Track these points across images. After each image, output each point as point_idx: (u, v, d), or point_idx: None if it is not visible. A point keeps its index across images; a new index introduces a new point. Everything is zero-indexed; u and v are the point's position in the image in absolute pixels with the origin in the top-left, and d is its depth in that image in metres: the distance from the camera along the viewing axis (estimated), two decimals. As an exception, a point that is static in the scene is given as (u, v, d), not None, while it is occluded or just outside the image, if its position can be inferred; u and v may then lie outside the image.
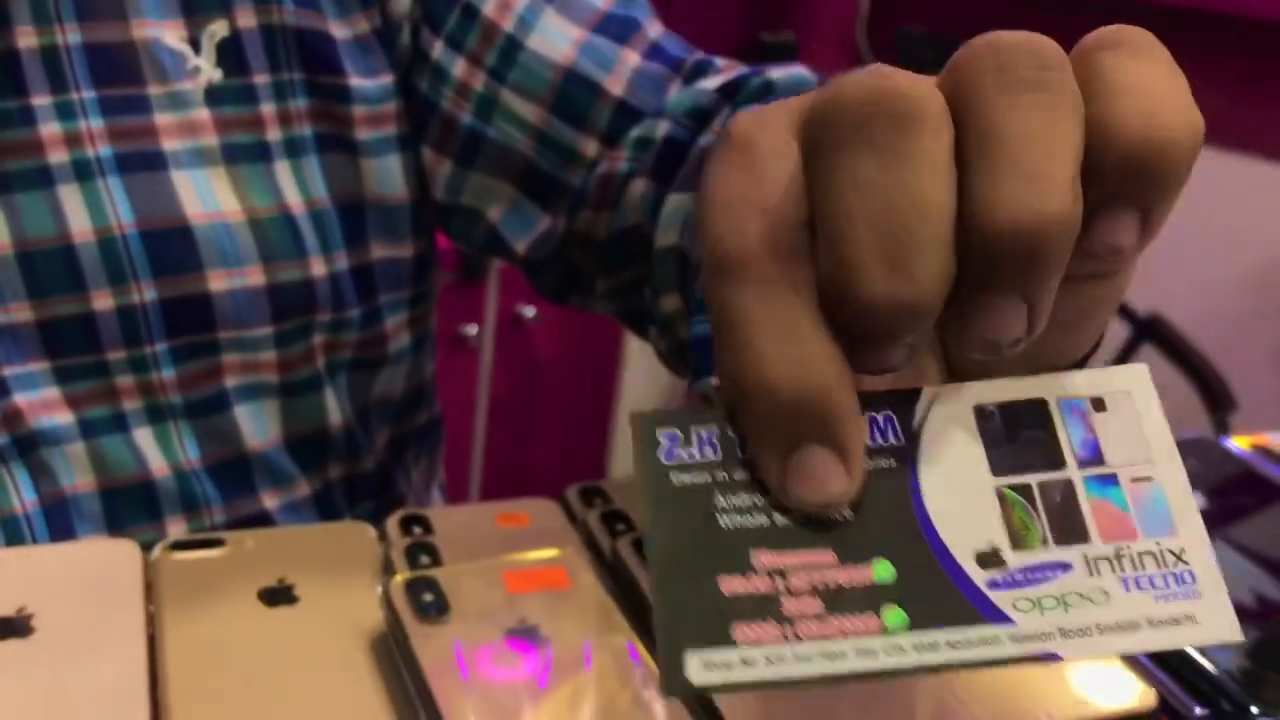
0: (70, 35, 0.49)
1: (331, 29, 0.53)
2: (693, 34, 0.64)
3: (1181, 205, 0.27)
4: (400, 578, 0.41)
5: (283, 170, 0.53)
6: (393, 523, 0.48)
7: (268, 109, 0.53)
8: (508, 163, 0.57)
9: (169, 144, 0.50)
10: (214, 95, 0.52)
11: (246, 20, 0.52)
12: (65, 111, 0.49)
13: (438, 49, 0.56)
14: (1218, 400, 1.76)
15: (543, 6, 0.56)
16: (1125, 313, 1.81)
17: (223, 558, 0.45)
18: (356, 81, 0.54)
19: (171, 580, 0.43)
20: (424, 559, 0.45)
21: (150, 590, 0.42)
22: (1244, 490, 0.55)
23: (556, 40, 0.56)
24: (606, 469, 2.10)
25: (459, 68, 0.56)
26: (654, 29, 0.59)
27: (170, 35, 0.51)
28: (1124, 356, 1.80)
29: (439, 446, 0.70)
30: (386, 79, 0.55)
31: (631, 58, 0.57)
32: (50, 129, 0.48)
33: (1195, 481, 0.28)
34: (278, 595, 0.42)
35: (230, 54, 0.52)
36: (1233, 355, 1.85)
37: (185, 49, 0.51)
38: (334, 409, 0.57)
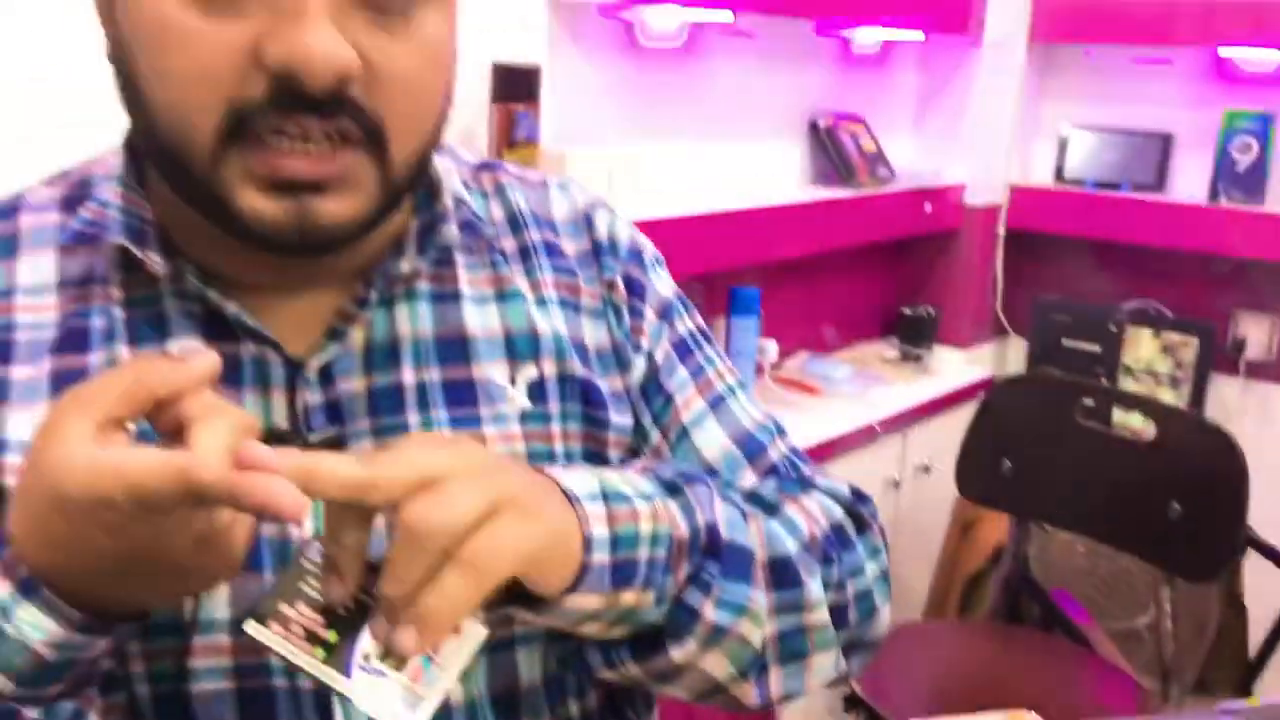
0: (433, 374, 0.71)
1: (598, 381, 0.76)
2: (839, 309, 0.84)
3: None
4: None
5: None
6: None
7: (556, 428, 0.74)
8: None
9: (492, 448, 0.71)
10: (524, 417, 0.73)
11: (548, 369, 0.74)
12: (428, 425, 0.70)
13: (647, 419, 0.79)
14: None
15: (708, 414, 0.80)
16: None
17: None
18: (613, 417, 0.77)
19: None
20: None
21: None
22: None
23: (710, 441, 0.80)
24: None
25: (655, 434, 0.79)
26: (780, 447, 0.82)
27: (498, 375, 0.73)
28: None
29: None
30: (629, 420, 0.78)
31: (750, 477, 0.80)
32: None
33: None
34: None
35: (536, 390, 0.74)
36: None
37: (507, 385, 0.73)
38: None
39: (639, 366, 0.79)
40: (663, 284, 0.83)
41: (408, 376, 0.70)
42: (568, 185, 0.82)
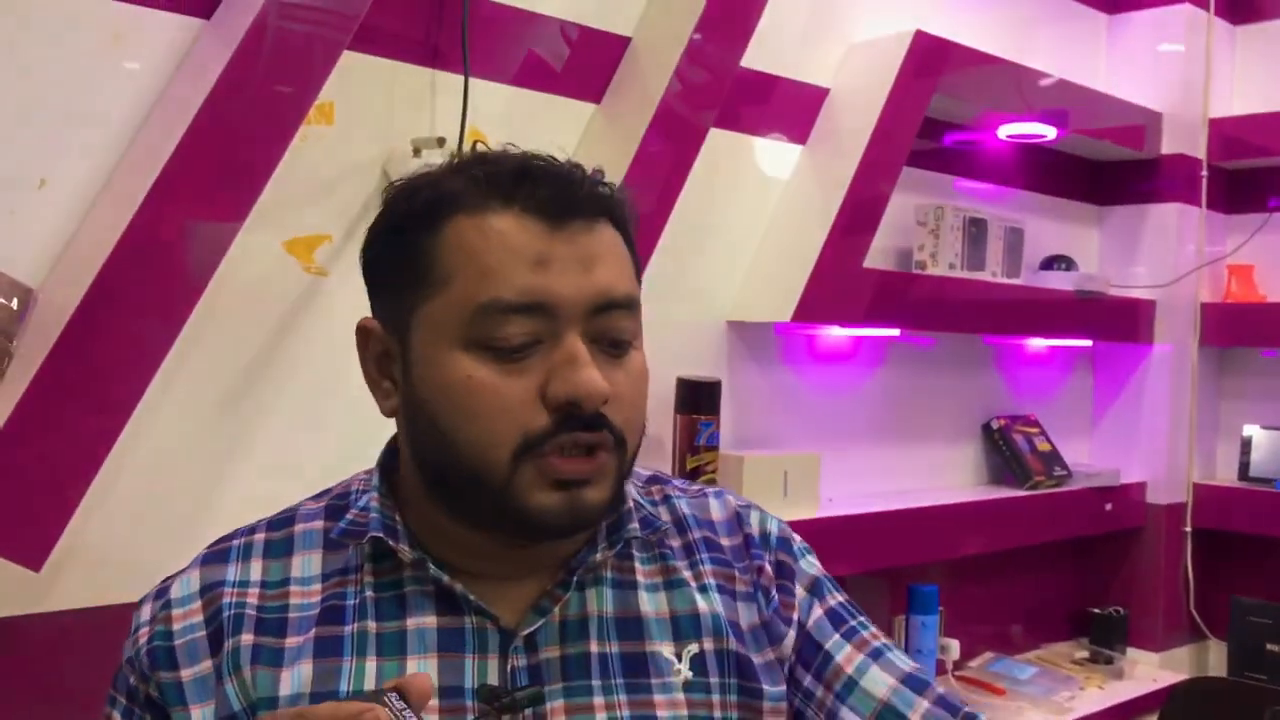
0: (614, 647, 0.87)
1: (753, 656, 0.90)
2: (1024, 608, 0.94)
3: None
4: None
5: None
6: None
7: (716, 697, 0.87)
8: None
9: (661, 713, 0.85)
10: (687, 686, 0.87)
11: (709, 645, 0.89)
12: (608, 690, 0.85)
13: (807, 680, 0.92)
14: None
15: (871, 663, 0.92)
16: None
17: None
18: (766, 688, 0.89)
19: None
20: None
21: None
22: None
23: (878, 684, 0.91)
24: None
25: (819, 690, 0.91)
26: (939, 688, 0.93)
27: (666, 650, 0.88)
28: None
29: None
30: (782, 687, 0.91)
31: (923, 704, 0.91)
32: (599, 699, 0.84)
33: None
34: None
35: (698, 663, 0.88)
36: None
37: (674, 659, 0.87)
38: None
39: (790, 637, 0.92)
40: (810, 566, 0.97)
41: (593, 647, 0.86)
42: (722, 493, 1.00)
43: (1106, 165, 2.95)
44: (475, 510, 0.83)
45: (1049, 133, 2.60)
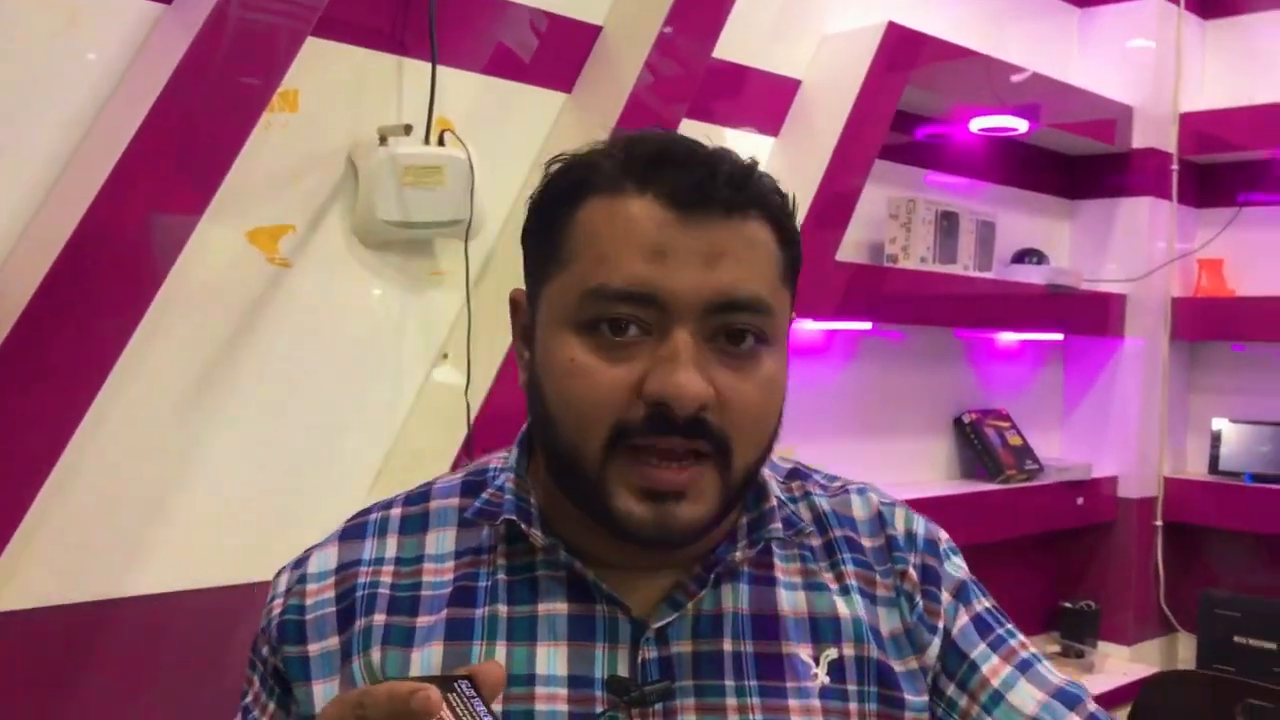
0: (749, 647, 0.83)
1: (894, 664, 0.86)
2: (1000, 599, 0.91)
3: None
4: None
5: None
6: None
7: (854, 705, 0.84)
8: None
9: (795, 718, 0.82)
10: (824, 692, 0.83)
11: (848, 650, 0.85)
12: (740, 691, 0.82)
13: (951, 689, 0.88)
14: None
15: (1019, 676, 0.88)
16: None
17: None
18: (908, 697, 0.86)
19: None
20: None
21: None
22: None
23: (1026, 699, 0.87)
24: None
25: (963, 700, 0.88)
26: (1091, 704, 0.89)
27: (803, 653, 0.84)
28: None
29: None
30: (924, 698, 0.87)
31: (1074, 718, 0.87)
32: (731, 700, 0.81)
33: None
34: None
35: (836, 669, 0.84)
36: None
37: (811, 662, 0.84)
38: None
39: (935, 644, 0.88)
40: (956, 569, 0.94)
41: (727, 646, 0.83)
42: (865, 490, 0.96)
43: (1078, 159, 2.95)
44: (579, 501, 0.81)
45: (1021, 126, 2.60)
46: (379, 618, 0.83)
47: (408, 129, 1.60)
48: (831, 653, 0.85)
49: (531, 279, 0.85)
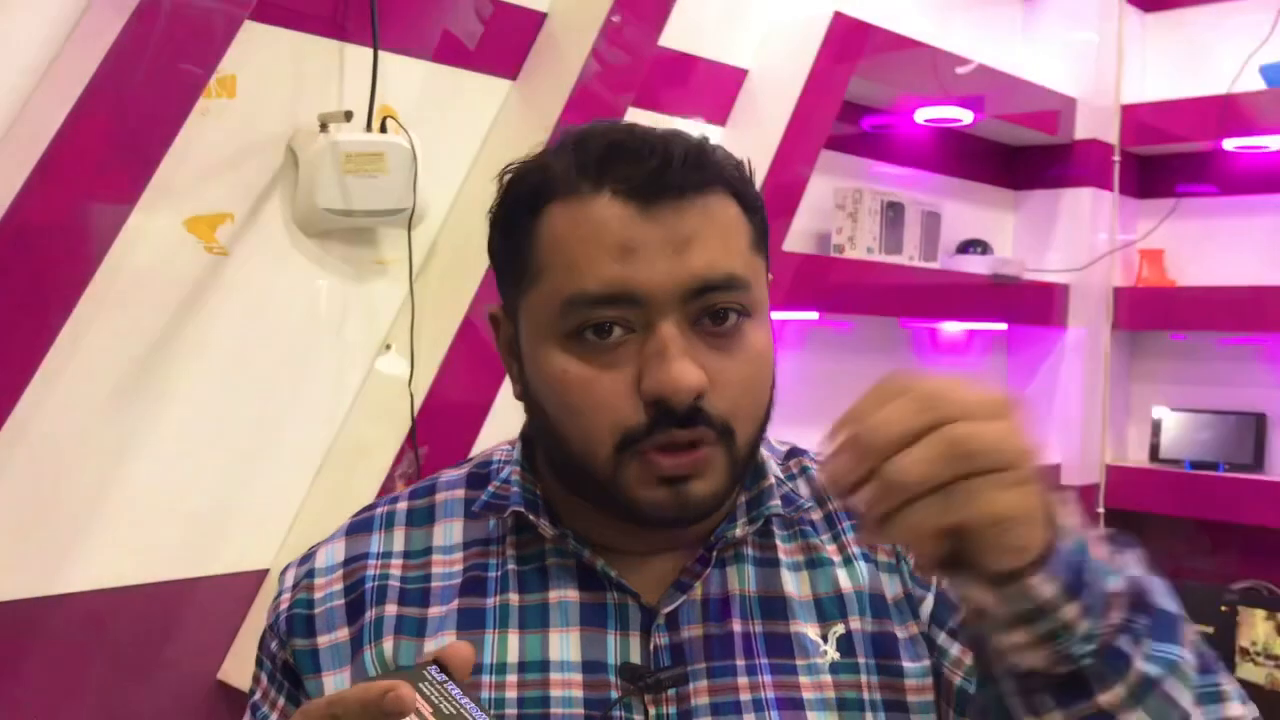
0: (758, 626, 0.84)
1: (897, 631, 0.86)
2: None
3: None
4: None
5: (869, 717, 0.83)
6: None
7: (864, 678, 0.84)
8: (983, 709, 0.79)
9: (807, 694, 0.82)
10: (834, 667, 0.84)
11: (855, 625, 0.85)
12: (751, 670, 0.82)
13: (942, 638, 0.86)
14: None
15: None
16: None
17: None
18: (907, 664, 0.85)
19: None
20: None
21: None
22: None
23: None
24: None
25: (955, 649, 0.86)
26: None
27: (811, 631, 0.85)
28: None
29: None
30: (925, 663, 0.86)
31: None
32: (743, 680, 0.82)
33: None
34: None
35: (845, 643, 0.85)
36: None
37: (819, 640, 0.85)
38: None
39: (929, 600, 0.88)
40: None
41: (736, 626, 0.84)
42: None
43: (1022, 150, 2.97)
44: (591, 498, 0.82)
45: (966, 117, 2.61)
46: (390, 608, 0.84)
47: (348, 115, 1.57)
48: (839, 629, 0.85)
49: (507, 293, 0.85)
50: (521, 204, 0.82)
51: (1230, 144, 2.84)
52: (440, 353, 1.66)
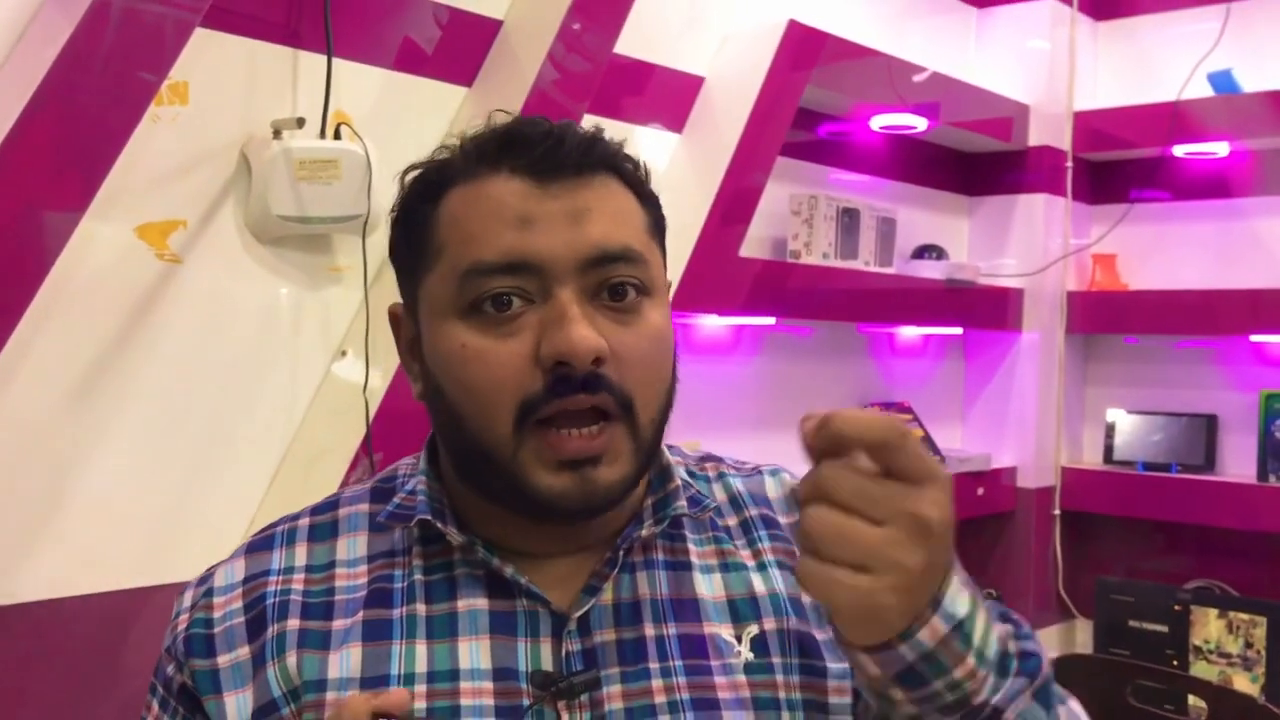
0: (671, 629, 0.84)
1: (816, 633, 0.86)
2: None
3: None
4: None
5: (786, 716, 0.84)
6: None
7: (780, 678, 0.84)
8: None
9: (723, 694, 0.82)
10: (749, 668, 0.84)
11: (769, 625, 0.85)
12: (665, 672, 0.82)
13: None
14: None
15: None
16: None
17: None
18: (830, 664, 0.85)
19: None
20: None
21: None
22: None
23: None
24: None
25: None
26: None
27: (725, 632, 0.85)
28: None
29: None
30: (845, 664, 0.82)
31: None
32: (657, 682, 0.82)
33: None
34: None
35: (759, 644, 0.85)
36: None
37: (733, 641, 0.84)
38: None
39: None
40: None
41: (649, 630, 0.84)
42: (778, 470, 0.98)
43: (976, 156, 3.01)
44: (493, 491, 0.82)
45: (920, 124, 2.64)
46: (292, 623, 0.82)
47: (301, 122, 1.57)
48: (753, 629, 0.85)
49: (407, 286, 0.86)
50: (421, 196, 0.84)
51: (1180, 150, 2.88)
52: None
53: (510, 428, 0.77)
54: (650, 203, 0.86)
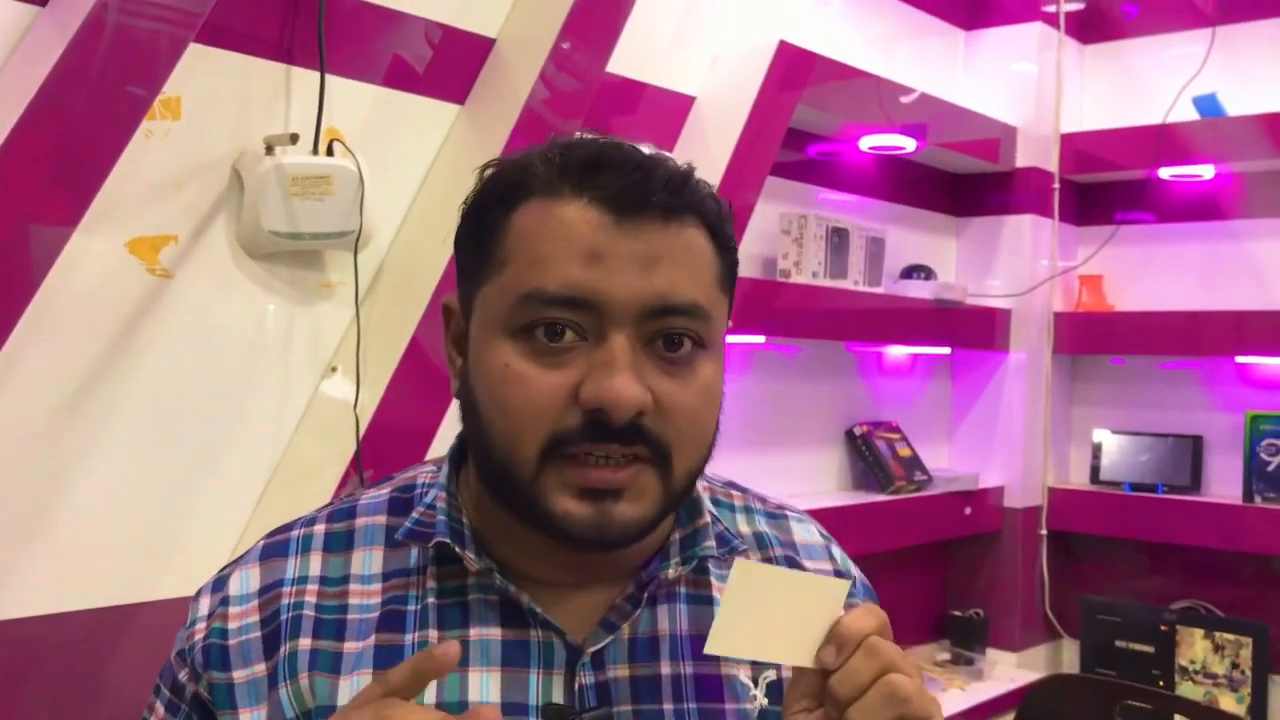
0: (688, 668, 0.83)
1: None
2: (890, 612, 0.92)
3: None
4: None
5: None
6: None
7: None
8: None
9: None
10: (763, 714, 0.83)
11: (787, 672, 0.82)
12: (679, 715, 0.81)
13: None
14: None
15: None
16: None
17: None
18: None
19: None
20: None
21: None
22: None
23: None
24: None
25: None
26: None
27: (743, 675, 0.84)
28: None
29: None
30: None
31: None
32: None
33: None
34: None
35: (774, 690, 0.84)
36: None
37: (750, 684, 0.83)
38: None
39: None
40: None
41: (665, 669, 0.82)
42: (805, 519, 0.97)
43: (964, 177, 3.03)
44: (512, 506, 0.80)
45: (909, 145, 2.66)
46: (305, 642, 0.81)
47: (294, 138, 1.57)
48: (770, 674, 0.84)
49: (465, 284, 0.83)
50: (497, 197, 0.81)
51: (1166, 172, 2.91)
52: (386, 376, 1.66)
53: (536, 454, 0.76)
54: (727, 251, 0.83)
